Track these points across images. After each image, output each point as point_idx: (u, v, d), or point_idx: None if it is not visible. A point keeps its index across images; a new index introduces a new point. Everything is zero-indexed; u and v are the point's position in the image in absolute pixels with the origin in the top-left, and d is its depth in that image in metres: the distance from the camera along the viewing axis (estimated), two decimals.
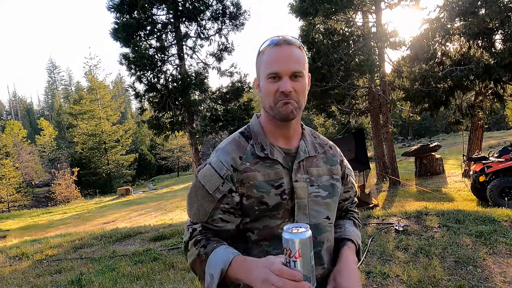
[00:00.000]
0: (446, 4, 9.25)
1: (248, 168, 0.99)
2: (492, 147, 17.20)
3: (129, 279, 3.88)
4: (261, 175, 0.99)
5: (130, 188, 23.36)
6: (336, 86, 10.67)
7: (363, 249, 3.86)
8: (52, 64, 65.95)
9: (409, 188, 10.89)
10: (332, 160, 1.13)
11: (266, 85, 0.99)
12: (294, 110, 0.99)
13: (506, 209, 5.21)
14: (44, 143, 37.80)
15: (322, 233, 1.04)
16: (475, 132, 11.73)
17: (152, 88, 11.80)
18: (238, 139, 1.06)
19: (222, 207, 0.99)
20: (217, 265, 0.90)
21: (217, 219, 0.99)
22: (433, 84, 9.26)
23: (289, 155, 1.04)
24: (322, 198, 1.05)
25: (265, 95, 1.00)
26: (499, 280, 3.05)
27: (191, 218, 1.04)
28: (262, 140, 1.04)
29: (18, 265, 4.95)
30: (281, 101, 0.97)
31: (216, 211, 0.99)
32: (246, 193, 0.98)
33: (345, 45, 10.95)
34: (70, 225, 12.43)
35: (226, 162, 1.00)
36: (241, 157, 1.01)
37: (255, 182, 0.98)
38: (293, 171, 1.02)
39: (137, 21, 11.25)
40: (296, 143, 1.07)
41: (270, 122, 1.05)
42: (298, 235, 0.75)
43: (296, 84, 0.97)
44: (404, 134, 39.98)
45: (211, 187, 0.99)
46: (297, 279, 0.74)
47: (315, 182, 1.05)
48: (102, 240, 5.75)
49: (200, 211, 1.00)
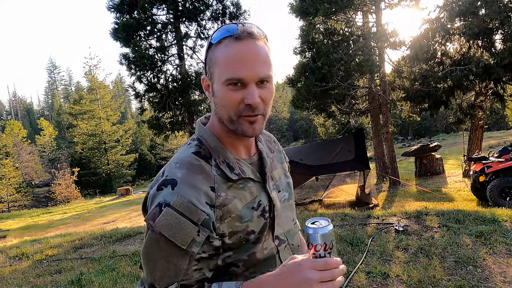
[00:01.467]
0: (446, 4, 9.26)
1: (226, 199, 0.78)
2: (492, 147, 17.20)
3: (129, 279, 3.88)
4: (239, 202, 0.80)
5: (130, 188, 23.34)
6: (336, 86, 10.67)
7: (363, 249, 3.86)
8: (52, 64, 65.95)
9: (409, 188, 10.89)
10: (281, 157, 1.02)
11: (225, 93, 0.76)
12: (262, 128, 0.82)
13: (506, 209, 5.20)
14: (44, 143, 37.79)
15: (294, 236, 0.96)
16: (475, 132, 11.73)
17: (152, 88, 11.81)
18: (197, 163, 0.79)
19: (199, 257, 0.75)
20: None
21: (192, 272, 0.75)
22: (433, 84, 9.27)
23: (253, 164, 0.88)
24: (287, 200, 0.95)
25: (223, 105, 0.78)
26: (499, 280, 3.05)
27: (155, 283, 0.74)
28: (225, 157, 0.82)
29: (18, 265, 4.95)
30: (246, 118, 0.77)
31: (191, 264, 0.75)
32: (228, 231, 0.78)
33: (345, 45, 10.95)
34: (70, 225, 12.42)
35: (199, 201, 0.74)
36: (212, 187, 0.77)
37: (236, 213, 0.79)
38: (266, 182, 0.87)
39: (137, 21, 11.26)
40: (254, 148, 0.91)
41: (228, 133, 0.83)
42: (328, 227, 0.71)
43: (263, 91, 0.77)
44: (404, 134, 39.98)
45: (183, 241, 0.72)
46: (337, 264, 0.68)
47: (279, 186, 0.93)
48: (102, 240, 5.75)
49: (170, 271, 0.74)
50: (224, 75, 0.75)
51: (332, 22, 11.34)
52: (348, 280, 3.21)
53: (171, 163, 0.81)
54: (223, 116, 0.79)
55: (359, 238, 4.16)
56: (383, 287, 3.11)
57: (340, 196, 10.04)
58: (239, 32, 0.75)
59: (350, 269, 3.42)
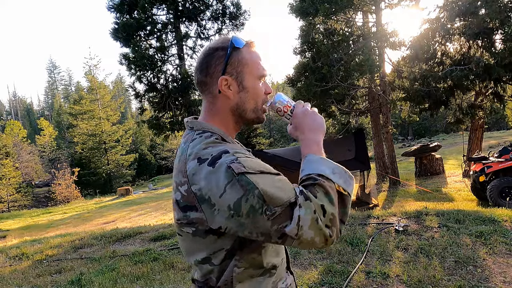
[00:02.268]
0: (446, 4, 9.26)
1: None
2: (492, 147, 17.21)
3: (129, 279, 3.88)
4: None
5: (130, 188, 23.34)
6: (336, 86, 10.67)
7: (363, 249, 3.86)
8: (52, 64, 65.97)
9: (409, 188, 10.89)
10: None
11: (257, 86, 0.95)
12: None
13: (506, 209, 5.20)
14: (44, 143, 37.78)
15: None
16: (475, 132, 11.73)
17: (152, 88, 11.81)
18: (221, 141, 0.90)
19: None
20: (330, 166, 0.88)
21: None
22: (433, 84, 9.27)
23: None
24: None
25: (254, 97, 0.95)
26: (499, 280, 3.05)
27: (290, 199, 0.77)
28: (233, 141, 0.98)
29: (18, 265, 4.95)
30: (263, 107, 0.98)
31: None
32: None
33: (345, 45, 10.95)
34: (70, 225, 12.42)
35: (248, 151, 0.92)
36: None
37: None
38: None
39: (137, 21, 11.27)
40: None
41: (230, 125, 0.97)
42: (281, 94, 1.03)
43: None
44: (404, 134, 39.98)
45: (267, 167, 0.82)
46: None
47: None
48: (102, 240, 5.75)
49: (284, 186, 0.79)
50: (258, 72, 0.96)
51: (332, 22, 11.33)
52: (348, 280, 3.21)
53: (201, 153, 0.84)
54: (251, 106, 0.96)
55: (359, 238, 4.16)
56: (383, 287, 3.11)
57: None
58: (251, 43, 0.96)
59: (350, 269, 3.42)
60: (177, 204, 0.86)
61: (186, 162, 0.84)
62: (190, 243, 0.88)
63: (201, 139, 0.88)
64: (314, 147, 0.92)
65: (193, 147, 0.86)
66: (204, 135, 0.90)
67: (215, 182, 0.77)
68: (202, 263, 0.87)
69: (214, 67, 0.93)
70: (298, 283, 3.25)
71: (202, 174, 0.80)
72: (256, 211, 0.75)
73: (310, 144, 0.93)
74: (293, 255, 3.88)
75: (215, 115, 0.96)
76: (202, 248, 0.86)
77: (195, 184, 0.80)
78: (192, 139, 0.90)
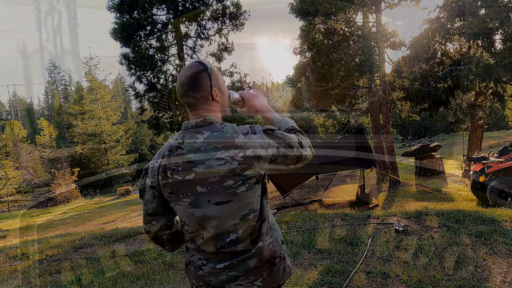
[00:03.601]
0: (446, 4, 9.25)
1: None
2: (492, 147, 17.21)
3: (129, 279, 3.88)
4: None
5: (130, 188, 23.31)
6: (336, 86, 10.67)
7: (363, 249, 3.86)
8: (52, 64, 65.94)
9: (409, 188, 10.89)
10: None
11: (225, 89, 1.36)
12: None
13: (506, 209, 5.20)
14: (44, 143, 37.76)
15: None
16: (475, 132, 11.73)
17: (152, 88, 11.81)
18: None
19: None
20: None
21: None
22: (433, 84, 9.27)
23: None
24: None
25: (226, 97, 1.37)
26: (499, 280, 3.04)
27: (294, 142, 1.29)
28: None
29: (18, 265, 4.95)
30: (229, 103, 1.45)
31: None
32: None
33: (345, 45, 10.95)
34: (70, 225, 12.42)
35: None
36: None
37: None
38: None
39: (137, 21, 11.27)
40: None
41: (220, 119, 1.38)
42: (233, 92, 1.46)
43: None
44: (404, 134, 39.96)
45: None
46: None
47: None
48: (102, 240, 5.75)
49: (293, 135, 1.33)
50: (222, 80, 1.37)
51: (332, 22, 11.33)
52: (348, 280, 3.21)
53: (241, 130, 1.25)
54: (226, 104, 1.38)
55: (359, 238, 4.16)
56: (383, 287, 3.11)
57: (340, 196, 10.04)
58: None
59: (350, 269, 3.42)
60: (233, 172, 1.18)
61: (234, 139, 1.20)
62: (241, 201, 1.20)
63: (230, 125, 1.27)
64: (273, 112, 1.47)
65: (231, 130, 1.24)
66: (226, 124, 1.28)
67: (262, 140, 1.21)
68: (247, 215, 1.22)
69: (204, 84, 1.28)
70: (298, 283, 3.26)
71: (252, 139, 1.21)
72: (286, 146, 1.25)
73: (269, 110, 1.47)
74: (293, 255, 3.88)
75: (215, 114, 1.33)
76: (251, 196, 1.22)
77: (249, 149, 1.19)
78: (221, 127, 1.26)
